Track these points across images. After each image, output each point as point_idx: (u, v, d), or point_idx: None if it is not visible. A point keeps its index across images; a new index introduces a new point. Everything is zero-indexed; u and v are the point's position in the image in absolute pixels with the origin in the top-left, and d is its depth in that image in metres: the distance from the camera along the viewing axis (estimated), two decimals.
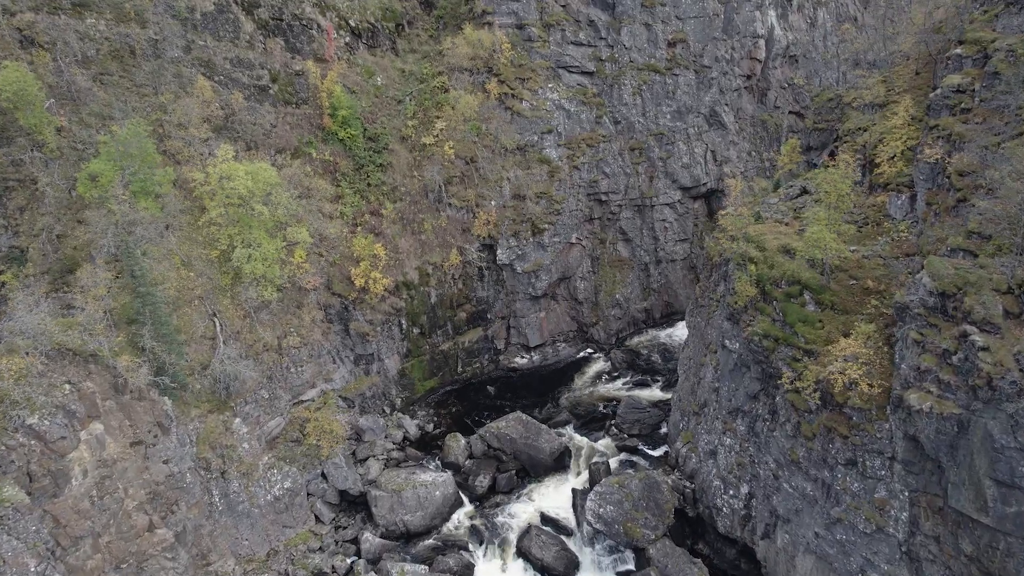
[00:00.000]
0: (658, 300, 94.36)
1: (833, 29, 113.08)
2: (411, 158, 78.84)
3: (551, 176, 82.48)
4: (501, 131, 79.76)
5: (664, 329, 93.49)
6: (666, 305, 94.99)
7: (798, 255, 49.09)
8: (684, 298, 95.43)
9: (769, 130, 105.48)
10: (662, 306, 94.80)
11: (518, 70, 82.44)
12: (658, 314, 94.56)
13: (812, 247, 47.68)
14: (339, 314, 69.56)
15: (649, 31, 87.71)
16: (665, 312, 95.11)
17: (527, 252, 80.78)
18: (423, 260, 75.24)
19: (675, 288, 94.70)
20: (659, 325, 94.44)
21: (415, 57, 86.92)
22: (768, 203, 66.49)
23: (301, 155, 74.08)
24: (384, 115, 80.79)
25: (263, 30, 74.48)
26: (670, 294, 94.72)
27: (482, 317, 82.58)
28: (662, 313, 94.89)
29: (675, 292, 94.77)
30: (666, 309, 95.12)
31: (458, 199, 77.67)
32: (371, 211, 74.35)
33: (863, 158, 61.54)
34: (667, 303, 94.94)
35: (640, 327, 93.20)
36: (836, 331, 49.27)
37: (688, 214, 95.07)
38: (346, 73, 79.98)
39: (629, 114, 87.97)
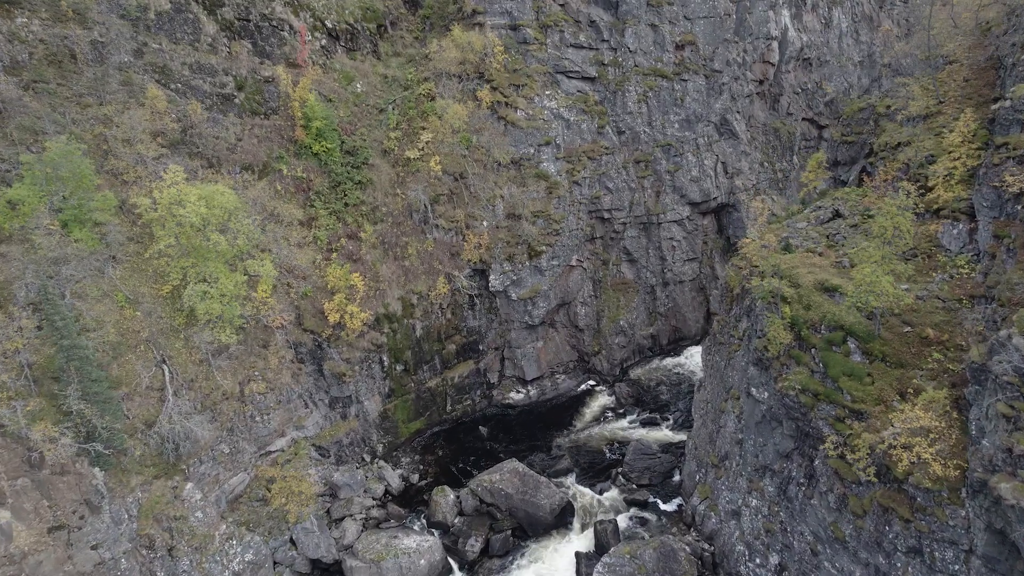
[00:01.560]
0: (665, 325, 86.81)
1: (849, 30, 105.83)
2: (394, 174, 70.98)
3: (549, 193, 74.80)
4: (494, 143, 71.99)
5: (672, 357, 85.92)
6: (674, 330, 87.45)
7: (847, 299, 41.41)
8: (693, 322, 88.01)
9: (782, 139, 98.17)
10: (669, 331, 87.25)
11: (512, 76, 74.71)
12: (665, 340, 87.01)
13: (865, 292, 40.04)
14: (311, 353, 61.63)
15: (655, 32, 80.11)
16: (673, 338, 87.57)
17: (523, 277, 73.08)
18: (407, 289, 67.39)
19: (683, 312, 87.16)
20: (666, 352, 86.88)
21: (399, 61, 79.05)
22: (795, 227, 58.93)
23: (271, 172, 66.18)
24: (364, 126, 72.91)
25: (227, 32, 66.50)
26: (678, 318, 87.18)
27: (473, 349, 74.81)
28: (669, 339, 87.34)
29: (683, 316, 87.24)
30: (674, 335, 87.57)
31: (446, 220, 69.86)
32: (348, 234, 66.46)
33: (906, 178, 54.09)
34: (675, 328, 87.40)
35: (646, 355, 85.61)
36: (890, 389, 41.76)
37: (697, 231, 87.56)
38: (322, 79, 72.07)
39: (634, 123, 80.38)
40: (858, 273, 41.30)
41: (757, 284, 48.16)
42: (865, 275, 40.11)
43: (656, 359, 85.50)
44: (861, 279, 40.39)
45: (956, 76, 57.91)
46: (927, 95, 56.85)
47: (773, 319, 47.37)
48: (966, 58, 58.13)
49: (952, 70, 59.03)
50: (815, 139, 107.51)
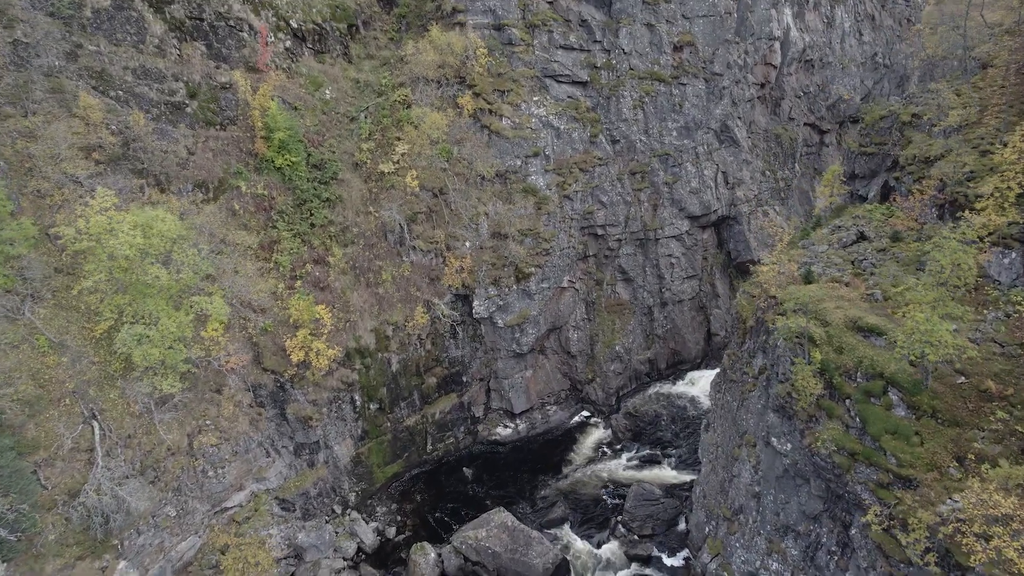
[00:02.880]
0: (663, 348, 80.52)
1: (852, 30, 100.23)
2: (366, 190, 64.01)
3: (538, 209, 68.18)
4: (477, 155, 65.27)
5: (671, 384, 79.64)
6: (672, 354, 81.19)
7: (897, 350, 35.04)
8: (693, 345, 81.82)
9: (783, 145, 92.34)
10: (668, 355, 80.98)
11: (496, 80, 68.01)
12: (664, 364, 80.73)
13: (918, 342, 33.72)
14: (273, 396, 54.56)
15: (652, 33, 73.74)
16: (671, 362, 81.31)
17: (510, 302, 66.41)
18: (381, 320, 60.44)
19: (683, 333, 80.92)
20: (665, 378, 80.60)
21: (372, 64, 72.05)
22: (816, 251, 52.72)
23: (228, 189, 59.01)
24: (333, 136, 65.88)
25: (177, 32, 59.18)
26: (677, 341, 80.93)
27: (456, 381, 68.01)
28: (668, 363, 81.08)
29: (683, 338, 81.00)
30: (672, 358, 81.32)
31: (424, 241, 63.03)
32: (315, 259, 59.41)
33: (943, 197, 48.07)
34: (674, 351, 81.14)
35: (643, 381, 79.28)
36: (944, 452, 35.53)
37: (696, 247, 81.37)
38: (286, 85, 64.95)
39: (629, 131, 73.96)
40: (908, 318, 34.96)
41: (782, 325, 41.72)
42: (919, 322, 33.77)
43: (654, 386, 79.18)
44: (913, 326, 34.06)
45: (992, 81, 52.11)
46: (962, 103, 50.88)
47: (800, 366, 40.99)
48: (1005, 61, 52.29)
49: (987, 74, 53.19)
50: (816, 145, 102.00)
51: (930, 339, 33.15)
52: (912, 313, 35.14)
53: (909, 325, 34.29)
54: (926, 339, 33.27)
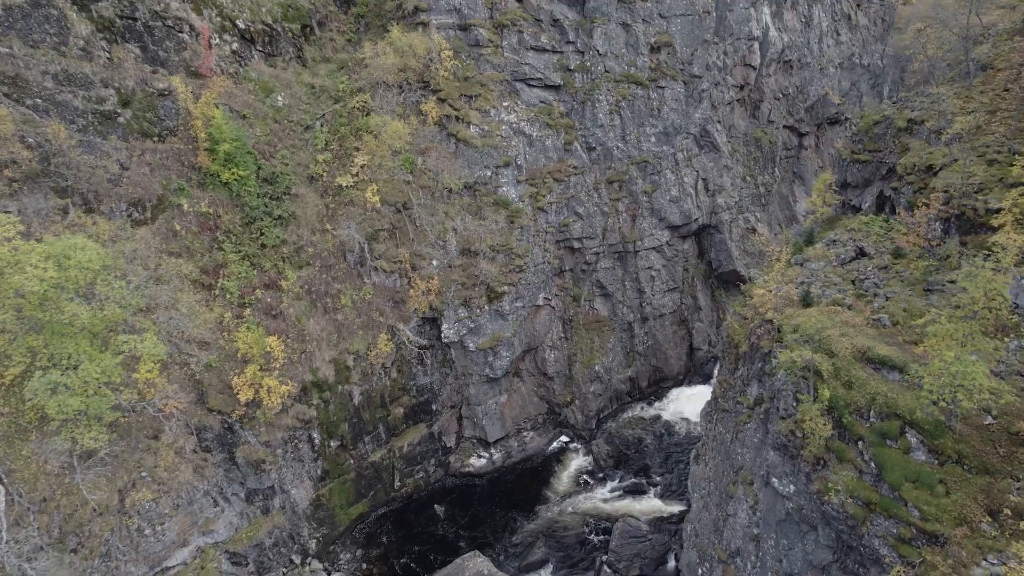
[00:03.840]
0: (645, 365, 76.34)
1: (829, 29, 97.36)
2: (322, 206, 58.64)
3: (510, 222, 63.44)
4: (443, 166, 60.29)
5: (653, 403, 75.53)
6: (654, 371, 77.07)
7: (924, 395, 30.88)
8: (675, 361, 77.83)
9: (763, 149, 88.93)
10: (649, 372, 76.84)
11: (463, 85, 63.09)
12: (645, 382, 76.58)
13: (949, 385, 29.64)
14: (220, 438, 48.95)
15: (628, 33, 69.46)
16: (653, 379, 77.20)
17: (481, 324, 61.56)
18: (340, 349, 55.12)
19: (664, 350, 76.85)
20: (647, 397, 76.46)
21: (329, 68, 66.58)
22: (812, 269, 48.78)
23: (167, 208, 53.28)
24: (286, 147, 60.35)
25: (106, 33, 53.20)
26: (659, 357, 76.83)
27: (425, 410, 62.95)
28: (650, 381, 76.96)
29: (665, 355, 76.93)
30: (654, 376, 77.21)
31: (387, 261, 57.86)
32: (266, 283, 53.88)
33: (948, 211, 44.44)
34: (655, 368, 77.03)
35: (624, 401, 75.03)
36: (974, 504, 31.55)
37: (677, 258, 77.37)
38: (232, 92, 59.27)
39: (605, 138, 69.60)
40: (935, 357, 30.88)
41: (785, 358, 37.47)
42: (948, 362, 29.67)
43: (636, 406, 74.97)
44: (941, 367, 29.97)
45: (995, 84, 48.77)
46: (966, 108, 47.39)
47: (806, 404, 36.80)
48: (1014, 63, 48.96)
49: (988, 77, 49.86)
50: (796, 148, 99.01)
51: (963, 382, 29.09)
52: (938, 350, 31.10)
53: (936, 365, 30.20)
54: (958, 382, 29.20)
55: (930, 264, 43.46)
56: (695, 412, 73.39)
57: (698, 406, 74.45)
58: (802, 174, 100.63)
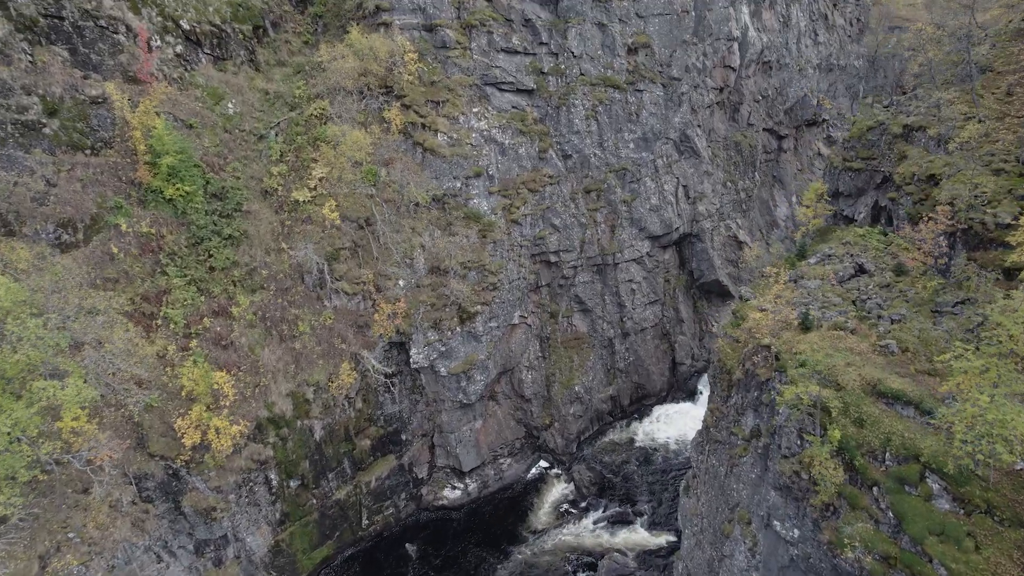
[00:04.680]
0: (626, 383, 72.70)
1: (807, 29, 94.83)
2: (277, 223, 53.85)
3: (482, 237, 59.25)
4: (409, 178, 55.88)
5: (637, 423, 71.93)
6: (636, 388, 73.46)
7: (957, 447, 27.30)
8: (657, 376, 74.33)
9: (743, 153, 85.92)
10: (631, 390, 73.21)
11: (429, 90, 58.71)
12: (627, 401, 72.94)
13: (985, 435, 26.11)
14: (163, 487, 43.99)
15: (603, 33, 65.65)
16: (635, 396, 73.60)
17: (453, 347, 57.27)
18: (298, 381, 50.41)
19: (646, 365, 73.28)
20: (629, 416, 72.83)
21: (284, 73, 61.70)
22: (809, 287, 45.35)
23: (103, 228, 48.18)
24: (238, 159, 55.45)
25: (28, 34, 47.89)
26: (640, 374, 73.23)
27: (394, 441, 58.48)
28: (632, 399, 73.34)
29: (647, 370, 73.36)
30: (636, 393, 73.61)
31: (349, 282, 53.27)
32: (215, 311, 48.98)
33: (954, 224, 41.27)
34: (637, 385, 73.42)
35: (606, 421, 71.31)
36: (1010, 563, 28.19)
37: (658, 269, 73.86)
38: (177, 99, 54.25)
39: (582, 145, 65.72)
40: (966, 400, 27.36)
41: (791, 396, 33.78)
42: (983, 407, 26.15)
43: (618, 426, 71.31)
44: (975, 413, 26.46)
45: (996, 88, 45.85)
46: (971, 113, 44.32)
47: (815, 447, 33.19)
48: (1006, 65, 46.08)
49: (988, 80, 46.93)
50: (775, 151, 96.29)
51: (1001, 431, 25.61)
52: (967, 390, 27.62)
53: (969, 412, 26.69)
54: (996, 431, 25.70)
55: (938, 284, 40.26)
56: (679, 431, 70.07)
57: (682, 424, 71.22)
58: (782, 178, 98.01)
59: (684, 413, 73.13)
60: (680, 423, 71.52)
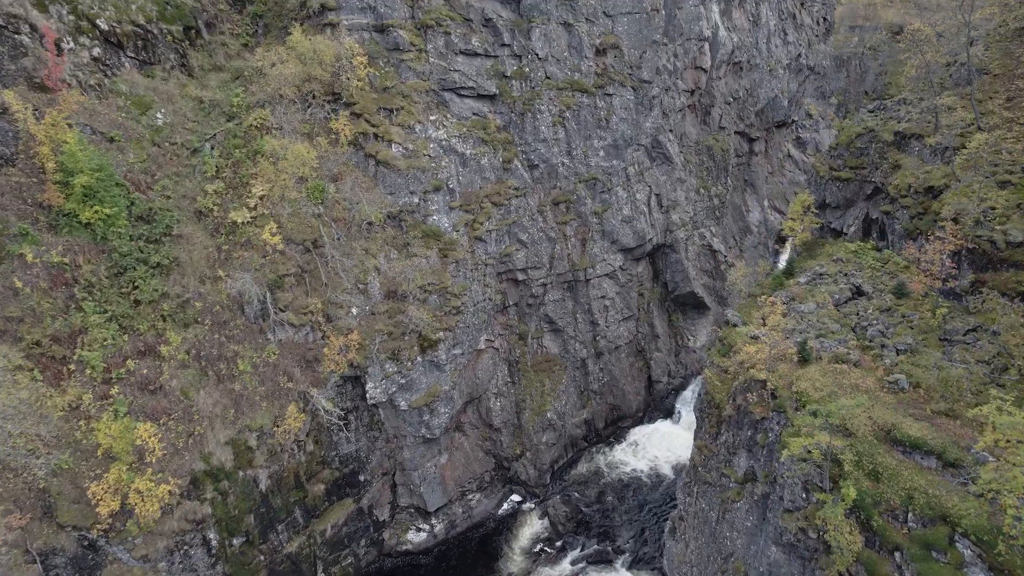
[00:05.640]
0: (601, 405, 68.46)
1: (777, 29, 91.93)
2: (214, 248, 48.14)
3: (443, 256, 54.33)
4: (360, 194, 50.67)
5: (613, 447, 67.74)
6: (611, 410, 69.28)
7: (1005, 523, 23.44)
8: (633, 396, 70.29)
9: (716, 157, 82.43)
10: (606, 412, 69.01)
11: (382, 97, 53.54)
12: (602, 423, 68.70)
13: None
14: (76, 561, 38.09)
15: (570, 33, 61.20)
16: (611, 419, 69.41)
17: (414, 378, 52.23)
18: (239, 427, 44.82)
19: (621, 385, 69.15)
20: (605, 439, 68.62)
21: (221, 79, 55.85)
22: (802, 312, 41.48)
23: (4, 259, 41.99)
24: (168, 176, 49.59)
25: None
26: (616, 394, 69.06)
27: (351, 483, 53.21)
28: (607, 421, 69.13)
29: (622, 391, 69.22)
30: (611, 415, 69.43)
31: (295, 313, 47.84)
32: (140, 350, 43.17)
33: (961, 243, 37.75)
34: (612, 407, 69.24)
35: (580, 447, 66.96)
36: None
37: (631, 282, 69.77)
38: (94, 108, 48.26)
39: (549, 154, 61.20)
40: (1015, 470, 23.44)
41: (798, 449, 29.63)
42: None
43: (593, 452, 67.01)
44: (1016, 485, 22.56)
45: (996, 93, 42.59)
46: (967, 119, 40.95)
47: (828, 509, 29.08)
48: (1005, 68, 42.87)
49: (984, 84, 43.68)
50: (746, 155, 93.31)
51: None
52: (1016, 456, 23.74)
53: (1019, 480, 22.77)
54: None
55: (947, 309, 36.70)
56: (659, 454, 66.18)
57: (661, 446, 67.37)
58: (753, 182, 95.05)
59: (662, 434, 69.25)
60: (659, 445, 67.60)
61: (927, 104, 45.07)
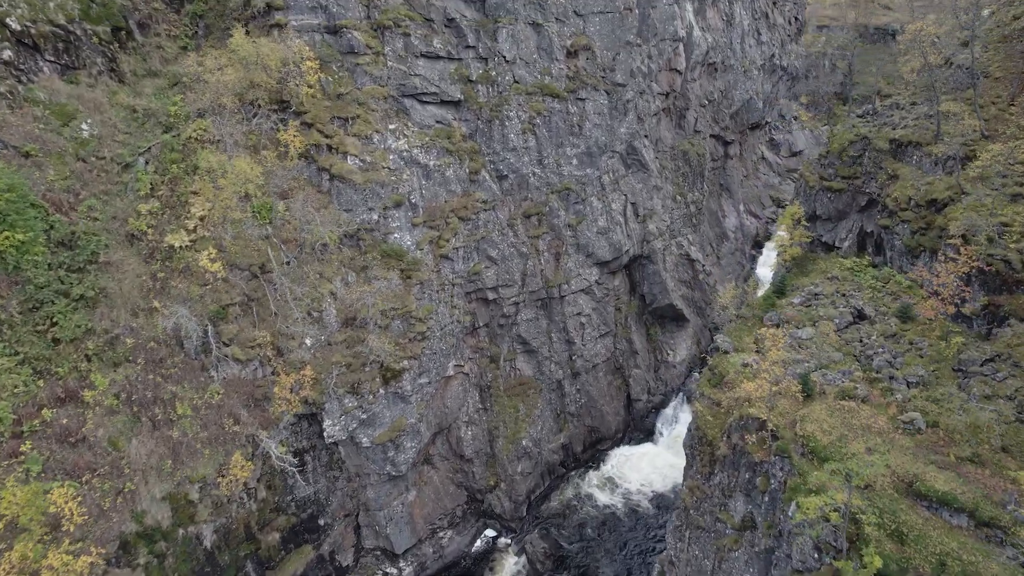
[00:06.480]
0: (579, 427, 64.63)
1: (750, 28, 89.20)
2: (148, 276, 43.02)
3: (406, 278, 49.92)
4: (313, 213, 45.96)
5: (592, 472, 64.01)
6: (589, 432, 65.49)
7: None
8: (612, 416, 66.65)
9: (691, 162, 79.22)
10: (584, 435, 65.20)
11: (336, 104, 48.89)
12: (580, 447, 64.89)
13: None
14: None
15: (539, 34, 57.20)
16: (589, 442, 65.63)
17: (377, 412, 47.74)
18: (178, 479, 39.85)
19: (599, 406, 65.39)
20: (583, 464, 64.86)
21: (156, 85, 50.64)
22: (800, 338, 37.98)
23: None
24: (95, 195, 44.30)
25: None
26: (594, 416, 65.28)
27: (310, 528, 48.49)
28: (585, 444, 65.34)
29: (600, 411, 65.47)
30: (590, 437, 65.65)
31: (241, 347, 42.99)
32: (59, 397, 37.96)
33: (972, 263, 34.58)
34: (591, 429, 65.46)
35: (558, 474, 63.07)
36: None
37: (608, 297, 66.06)
38: (6, 119, 42.87)
39: (519, 163, 57.11)
40: None
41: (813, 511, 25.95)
42: None
43: (572, 479, 63.19)
44: None
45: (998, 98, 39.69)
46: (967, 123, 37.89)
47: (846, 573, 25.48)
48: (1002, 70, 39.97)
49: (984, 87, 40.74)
50: (721, 158, 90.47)
51: None
52: None
53: None
54: None
55: (962, 337, 33.47)
56: (641, 478, 62.73)
57: (642, 469, 63.97)
58: (729, 186, 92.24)
59: (644, 455, 65.82)
60: (640, 468, 64.12)
61: (923, 109, 41.99)
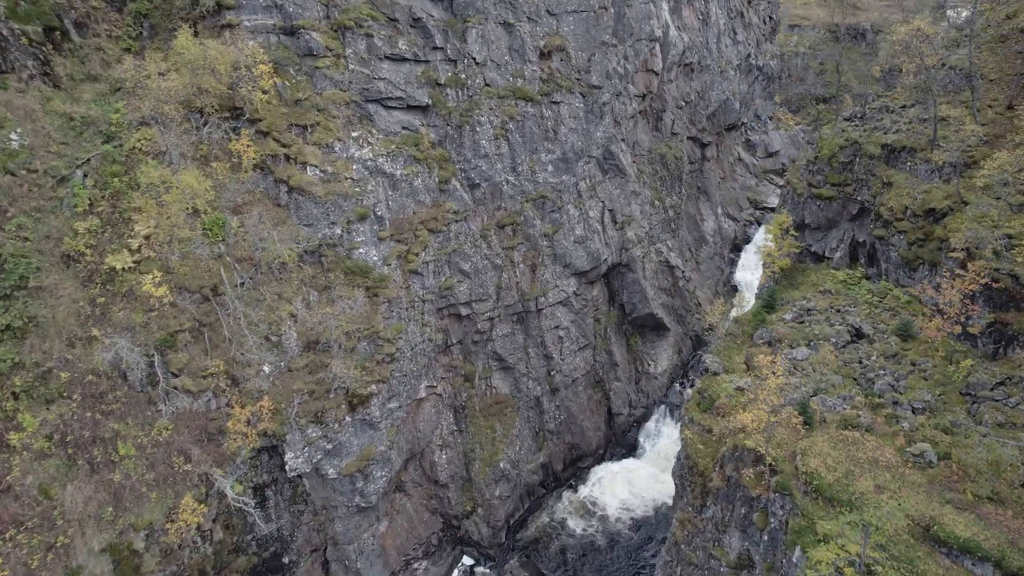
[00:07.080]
0: (558, 445, 61.88)
1: (726, 28, 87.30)
2: (86, 302, 39.23)
3: (372, 296, 46.64)
4: (270, 228, 42.47)
5: (573, 492, 61.31)
6: (569, 450, 62.79)
7: None
8: (592, 432, 64.06)
9: (669, 166, 76.94)
10: (564, 452, 62.48)
11: (293, 111, 45.44)
12: (560, 466, 62.15)
13: None
14: None
15: (511, 34, 54.27)
16: (569, 460, 62.93)
17: (343, 441, 44.44)
18: (121, 527, 36.17)
19: (580, 422, 62.72)
20: (564, 483, 62.14)
21: (96, 91, 46.70)
22: (795, 359, 35.56)
23: None
24: (26, 212, 40.39)
25: None
26: (574, 432, 62.59)
27: (273, 567, 45.00)
28: (565, 463, 62.63)
29: (580, 428, 62.81)
30: (570, 455, 62.95)
31: (192, 377, 39.38)
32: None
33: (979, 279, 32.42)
34: (571, 446, 62.76)
35: (538, 495, 60.27)
36: None
37: (587, 308, 63.39)
38: None
39: (492, 171, 54.12)
40: None
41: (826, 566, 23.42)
42: None
43: (552, 499, 60.43)
44: None
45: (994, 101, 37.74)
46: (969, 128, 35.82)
47: None
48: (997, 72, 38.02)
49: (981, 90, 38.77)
50: (699, 161, 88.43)
51: None
52: None
53: None
54: None
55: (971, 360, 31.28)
56: (624, 497, 60.31)
57: (626, 486, 61.51)
58: (706, 189, 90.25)
59: (626, 471, 63.34)
60: (623, 485, 61.61)
61: (916, 112, 39.92)
